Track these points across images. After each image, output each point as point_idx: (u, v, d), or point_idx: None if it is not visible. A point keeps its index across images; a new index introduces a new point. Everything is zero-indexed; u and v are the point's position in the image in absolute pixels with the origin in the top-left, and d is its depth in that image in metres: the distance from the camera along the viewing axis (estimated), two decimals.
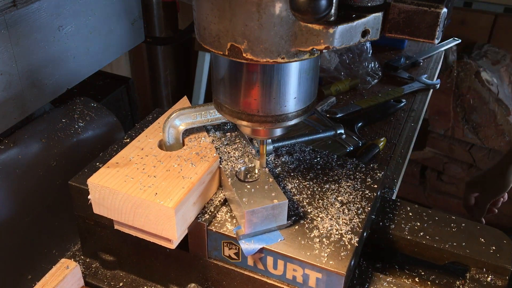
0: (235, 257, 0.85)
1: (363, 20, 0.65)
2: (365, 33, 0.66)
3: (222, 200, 0.89)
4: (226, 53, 0.69)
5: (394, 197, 1.24)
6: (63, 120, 1.08)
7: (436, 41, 0.65)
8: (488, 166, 2.75)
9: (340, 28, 0.63)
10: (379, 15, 0.65)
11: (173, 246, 0.83)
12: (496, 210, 1.70)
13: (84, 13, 1.09)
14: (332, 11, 0.63)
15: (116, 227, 0.88)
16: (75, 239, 1.09)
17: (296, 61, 0.69)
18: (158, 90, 2.41)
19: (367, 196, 0.91)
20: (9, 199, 0.94)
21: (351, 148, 1.38)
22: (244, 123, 0.79)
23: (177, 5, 2.48)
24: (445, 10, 0.63)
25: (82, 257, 1.02)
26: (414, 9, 0.64)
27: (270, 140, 0.97)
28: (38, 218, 1.00)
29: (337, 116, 1.57)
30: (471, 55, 2.76)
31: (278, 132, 0.84)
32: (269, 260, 0.82)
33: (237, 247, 0.84)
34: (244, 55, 0.68)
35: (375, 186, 0.94)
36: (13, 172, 0.94)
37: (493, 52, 2.79)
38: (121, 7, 1.20)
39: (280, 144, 1.02)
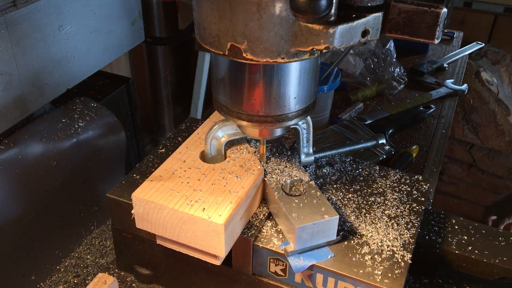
0: (282, 273, 0.82)
1: (363, 20, 0.65)
2: (365, 33, 0.66)
3: (266, 214, 0.87)
4: (226, 53, 0.69)
5: (430, 207, 1.23)
6: (63, 120, 1.08)
7: (436, 41, 0.65)
8: (488, 165, 2.76)
9: (340, 28, 0.63)
10: (379, 15, 0.65)
11: (219, 262, 0.81)
12: None
13: (84, 13, 1.09)
14: (332, 11, 0.63)
15: (158, 242, 0.85)
16: (78, 240, 1.09)
17: (296, 61, 0.69)
18: (158, 90, 2.41)
19: (415, 209, 0.89)
20: (9, 199, 0.93)
21: (384, 157, 1.34)
22: (244, 123, 0.79)
23: (177, 5, 2.48)
24: (445, 10, 0.63)
25: (117, 270, 1.00)
26: (414, 9, 0.64)
27: (311, 151, 0.95)
28: (39, 218, 1.00)
29: (366, 123, 1.53)
30: (471, 55, 2.76)
31: (278, 132, 0.84)
32: (319, 277, 0.79)
33: (284, 263, 0.81)
34: (244, 55, 0.68)
35: (422, 199, 0.91)
36: (13, 172, 0.94)
37: (493, 52, 2.79)
38: (121, 7, 1.20)
39: (322, 154, 0.99)
